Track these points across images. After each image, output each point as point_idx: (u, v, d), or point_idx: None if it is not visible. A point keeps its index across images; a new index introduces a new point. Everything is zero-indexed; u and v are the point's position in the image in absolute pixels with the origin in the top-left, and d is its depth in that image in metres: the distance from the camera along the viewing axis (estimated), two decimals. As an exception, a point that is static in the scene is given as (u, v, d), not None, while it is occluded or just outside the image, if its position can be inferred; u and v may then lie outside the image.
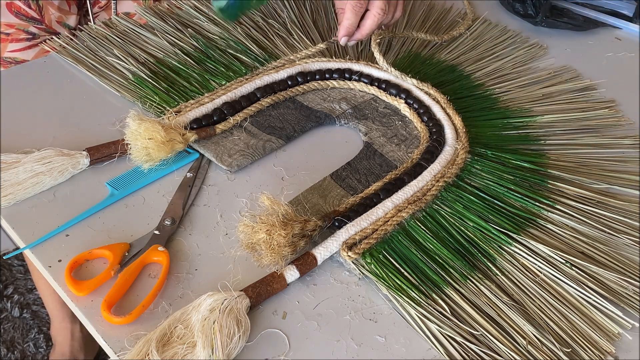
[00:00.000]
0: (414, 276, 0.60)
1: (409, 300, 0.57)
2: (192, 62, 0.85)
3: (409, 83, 0.83)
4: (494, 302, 0.59)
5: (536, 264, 0.62)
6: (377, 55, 0.84)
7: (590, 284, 0.60)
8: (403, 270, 0.60)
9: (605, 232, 0.66)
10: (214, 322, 0.52)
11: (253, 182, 0.70)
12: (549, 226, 0.66)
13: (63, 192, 0.67)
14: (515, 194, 0.69)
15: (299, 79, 0.83)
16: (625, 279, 0.61)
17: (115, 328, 0.54)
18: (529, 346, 0.55)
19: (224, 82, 0.82)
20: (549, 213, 0.68)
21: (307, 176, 0.71)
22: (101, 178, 0.69)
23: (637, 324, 0.58)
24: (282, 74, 0.82)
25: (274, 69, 0.84)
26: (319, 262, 0.60)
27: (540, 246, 0.63)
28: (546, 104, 0.85)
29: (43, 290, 1.29)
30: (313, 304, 0.58)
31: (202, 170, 0.71)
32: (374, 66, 0.85)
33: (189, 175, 0.70)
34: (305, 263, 0.59)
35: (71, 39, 0.89)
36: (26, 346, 1.44)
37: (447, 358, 0.54)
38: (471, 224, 0.66)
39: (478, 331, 0.56)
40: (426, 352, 0.55)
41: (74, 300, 0.57)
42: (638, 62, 0.98)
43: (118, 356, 0.52)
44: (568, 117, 0.83)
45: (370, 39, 0.86)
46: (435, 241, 0.64)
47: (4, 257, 1.49)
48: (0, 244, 1.51)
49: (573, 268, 0.62)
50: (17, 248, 0.62)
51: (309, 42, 0.91)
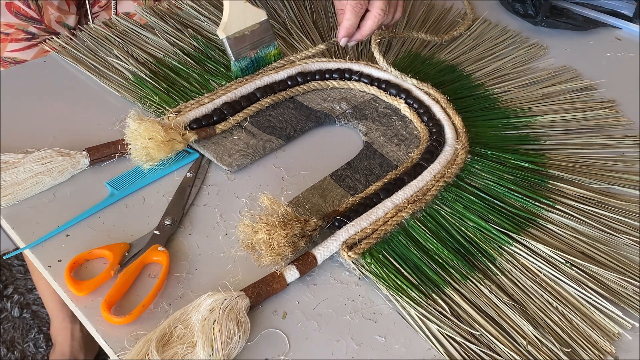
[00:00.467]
0: (414, 276, 0.60)
1: (409, 300, 0.57)
2: (192, 62, 0.85)
3: (409, 83, 0.83)
4: (494, 302, 0.59)
5: (536, 264, 0.62)
6: (377, 55, 0.84)
7: (590, 284, 0.60)
8: (403, 270, 0.60)
9: (605, 232, 0.66)
10: (214, 322, 0.52)
11: (253, 182, 0.70)
12: (549, 226, 0.66)
13: (63, 192, 0.67)
14: (515, 194, 0.69)
15: (299, 79, 0.83)
16: (625, 279, 0.61)
17: (115, 328, 0.54)
18: (529, 346, 0.55)
19: (223, 82, 0.82)
20: (549, 213, 0.68)
21: (307, 176, 0.71)
22: (101, 178, 0.69)
23: (637, 324, 0.58)
24: (282, 74, 0.82)
25: (273, 69, 0.84)
26: (319, 262, 0.60)
27: (540, 246, 0.63)
28: (546, 104, 0.85)
29: (43, 290, 1.29)
30: (313, 304, 0.58)
31: (202, 170, 0.71)
32: (374, 66, 0.85)
33: (189, 175, 0.70)
34: (305, 263, 0.59)
35: (71, 39, 0.89)
36: (26, 346, 1.44)
37: (447, 358, 0.54)
38: (471, 224, 0.66)
39: (478, 331, 0.56)
40: (426, 352, 0.55)
41: (74, 300, 0.57)
42: (638, 62, 0.98)
43: (118, 356, 0.52)
44: (568, 117, 0.83)
45: (370, 39, 0.86)
46: (435, 241, 0.64)
47: (4, 257, 1.49)
48: (0, 244, 1.51)
49: (573, 268, 0.62)
50: (17, 248, 0.62)
51: (308, 43, 0.91)
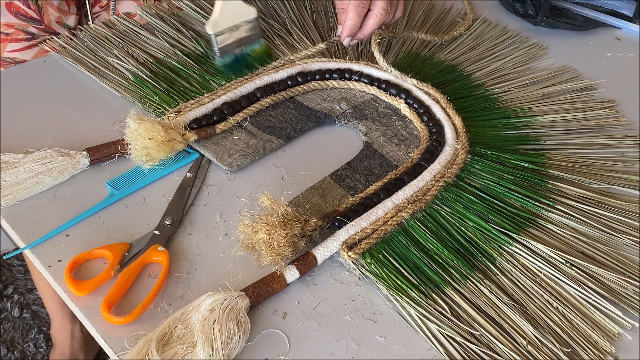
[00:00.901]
0: (414, 276, 0.60)
1: (409, 300, 0.57)
2: (192, 62, 0.85)
3: (409, 83, 0.83)
4: (494, 302, 0.59)
5: (536, 264, 0.62)
6: (377, 55, 0.84)
7: (590, 284, 0.60)
8: (403, 270, 0.60)
9: (605, 232, 0.66)
10: (214, 322, 0.52)
11: (253, 182, 0.70)
12: (549, 226, 0.66)
13: (63, 192, 0.67)
14: (515, 194, 0.69)
15: (299, 79, 0.83)
16: (625, 279, 0.61)
17: (115, 328, 0.54)
18: (529, 346, 0.55)
19: (223, 82, 0.82)
20: (549, 213, 0.68)
21: (307, 176, 0.71)
22: (101, 178, 0.69)
23: (637, 324, 0.58)
24: (282, 74, 0.82)
25: (273, 69, 0.84)
26: (319, 262, 0.60)
27: (540, 246, 0.63)
28: (546, 104, 0.85)
29: (43, 291, 1.29)
30: (313, 304, 0.58)
31: (202, 170, 0.71)
32: (374, 66, 0.85)
33: (189, 175, 0.70)
34: (305, 263, 0.59)
35: (71, 39, 0.89)
36: (26, 346, 1.44)
37: (447, 358, 0.54)
38: (471, 224, 0.66)
39: (478, 331, 0.56)
40: (426, 352, 0.55)
41: (74, 300, 0.57)
42: (638, 62, 0.98)
43: (118, 356, 0.52)
44: (568, 117, 0.83)
45: (370, 39, 0.86)
46: (435, 241, 0.64)
47: (4, 257, 1.49)
48: (0, 244, 1.51)
49: (573, 268, 0.62)
50: (17, 248, 0.62)
51: (308, 42, 0.91)
